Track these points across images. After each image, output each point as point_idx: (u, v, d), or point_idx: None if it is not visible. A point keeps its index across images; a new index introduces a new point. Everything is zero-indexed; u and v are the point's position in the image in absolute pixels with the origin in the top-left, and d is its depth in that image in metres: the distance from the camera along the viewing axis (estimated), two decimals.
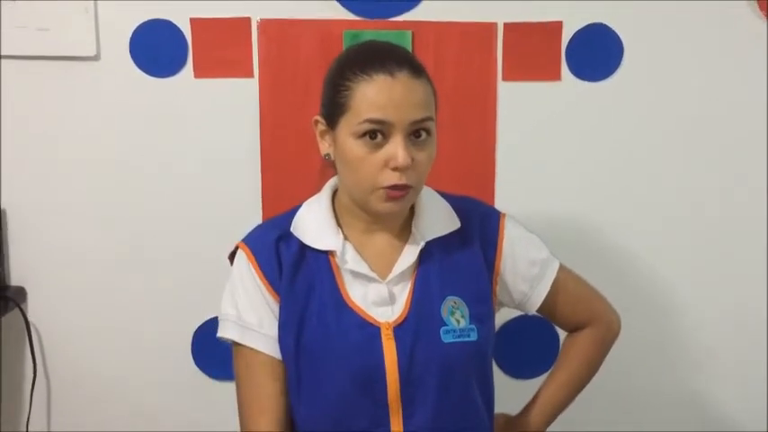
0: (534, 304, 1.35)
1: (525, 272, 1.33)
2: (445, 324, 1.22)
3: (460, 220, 1.30)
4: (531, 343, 1.81)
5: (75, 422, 1.91)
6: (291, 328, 1.22)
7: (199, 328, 1.88)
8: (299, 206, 1.32)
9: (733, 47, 1.81)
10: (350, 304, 1.22)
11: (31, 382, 1.85)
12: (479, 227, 1.30)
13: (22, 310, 1.82)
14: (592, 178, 1.85)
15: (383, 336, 1.20)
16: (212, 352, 1.87)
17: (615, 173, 1.85)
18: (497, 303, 1.34)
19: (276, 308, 1.24)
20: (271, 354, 1.24)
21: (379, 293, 1.23)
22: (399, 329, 1.21)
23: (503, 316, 1.76)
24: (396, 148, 1.14)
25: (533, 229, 1.39)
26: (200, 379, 1.90)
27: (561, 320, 1.41)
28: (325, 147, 1.24)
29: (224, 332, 1.27)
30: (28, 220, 1.84)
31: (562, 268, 1.37)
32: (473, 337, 1.23)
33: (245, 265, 1.27)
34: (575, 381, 1.40)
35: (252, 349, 1.25)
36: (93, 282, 1.86)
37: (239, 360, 1.27)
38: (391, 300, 1.23)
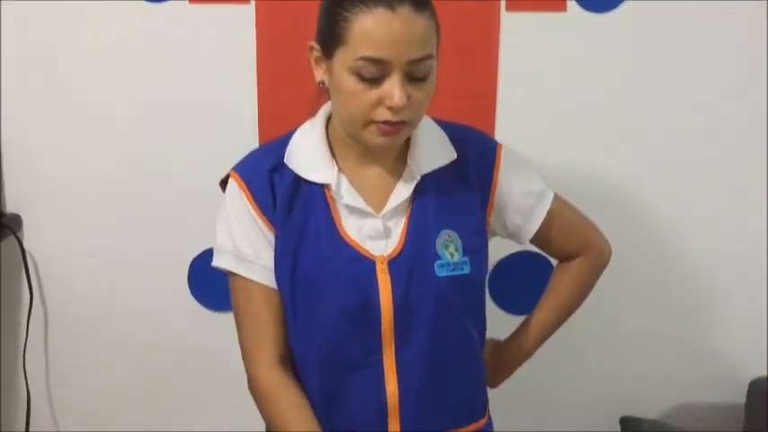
0: (527, 235, 1.35)
1: (520, 203, 1.32)
2: (439, 258, 1.21)
3: (457, 151, 1.27)
4: (526, 278, 1.81)
5: (72, 351, 1.93)
6: (286, 262, 1.22)
7: (195, 258, 1.88)
8: (293, 131, 1.30)
9: None
10: (345, 238, 1.21)
11: (27, 309, 1.86)
12: (476, 157, 1.29)
13: (17, 237, 1.82)
14: (594, 110, 1.81)
15: (378, 269, 1.19)
16: (209, 283, 1.88)
17: (619, 106, 1.81)
18: (490, 233, 1.33)
19: (272, 238, 1.23)
20: (268, 284, 1.24)
21: (374, 227, 1.22)
22: (394, 263, 1.20)
23: (498, 251, 1.76)
24: (392, 88, 1.11)
25: (530, 162, 1.37)
26: (197, 309, 1.91)
27: (554, 250, 1.41)
28: (320, 74, 1.21)
29: (220, 262, 1.27)
30: (24, 147, 1.82)
31: (556, 199, 1.36)
32: (466, 270, 1.23)
33: (237, 195, 1.25)
34: (564, 307, 1.41)
35: (249, 280, 1.24)
36: (89, 211, 1.85)
37: (237, 291, 1.26)
38: (386, 233, 1.22)
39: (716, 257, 1.89)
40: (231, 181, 1.26)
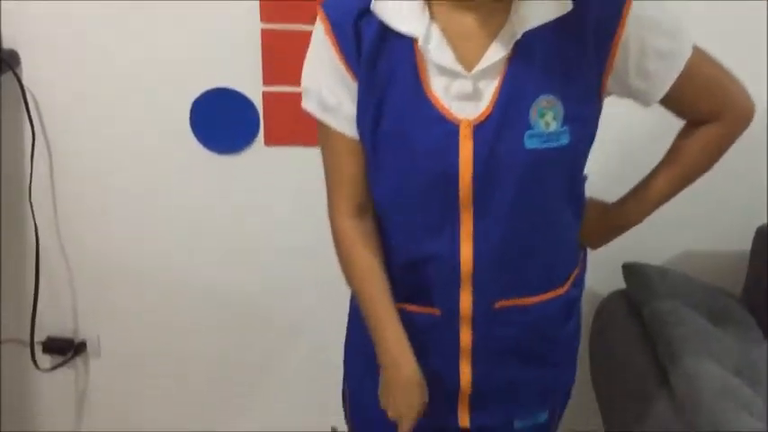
0: (651, 101, 1.18)
1: (646, 66, 1.13)
2: (531, 127, 1.09)
3: (573, 1, 1.08)
4: None
5: (77, 191, 1.94)
6: (368, 115, 1.14)
7: (197, 99, 1.85)
8: None
9: None
10: (430, 97, 1.11)
11: (30, 147, 1.86)
12: (596, 7, 1.09)
13: (16, 73, 1.79)
14: None
15: (461, 134, 1.10)
16: (211, 125, 1.86)
17: None
18: (605, 94, 1.16)
19: (354, 88, 1.15)
20: (350, 135, 1.18)
21: (462, 87, 1.10)
22: (479, 129, 1.09)
23: None
24: None
25: (670, 13, 1.15)
26: (200, 152, 1.89)
27: (683, 113, 1.23)
28: None
29: (306, 104, 1.20)
30: None
31: (694, 56, 1.16)
32: (563, 140, 1.10)
33: (322, 40, 1.15)
34: (687, 177, 1.27)
35: (332, 129, 1.18)
36: (89, 48, 1.81)
37: (321, 138, 1.22)
38: (476, 95, 1.10)
39: None
40: (318, 21, 1.15)
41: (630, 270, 1.81)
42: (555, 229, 1.21)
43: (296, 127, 1.85)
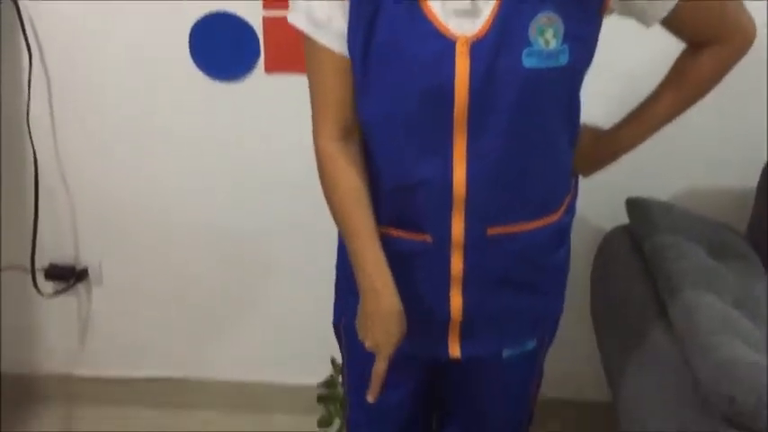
0: (652, 20, 1.15)
1: None
2: (530, 44, 1.06)
3: None
4: None
5: (76, 119, 1.92)
6: (361, 29, 1.10)
7: (196, 24, 1.81)
8: None
9: None
10: (426, 12, 1.07)
11: (27, 70, 1.83)
12: None
13: (14, 1, 1.76)
14: None
15: (457, 51, 1.06)
16: (211, 50, 1.83)
17: None
18: (607, 12, 1.13)
19: (347, 2, 1.11)
20: (340, 51, 1.13)
21: (460, 3, 1.07)
22: (476, 46, 1.06)
23: None
24: None
25: None
26: (199, 79, 1.87)
27: (685, 37, 1.21)
28: None
29: (294, 19, 1.16)
30: None
31: None
32: (562, 60, 1.07)
33: None
34: (685, 100, 1.25)
35: (320, 45, 1.14)
36: None
37: (308, 56, 1.17)
38: (474, 12, 1.07)
39: None
40: None
41: (634, 205, 1.79)
42: (549, 153, 1.18)
43: (297, 54, 1.79)
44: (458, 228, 1.17)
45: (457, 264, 1.20)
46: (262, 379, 2.19)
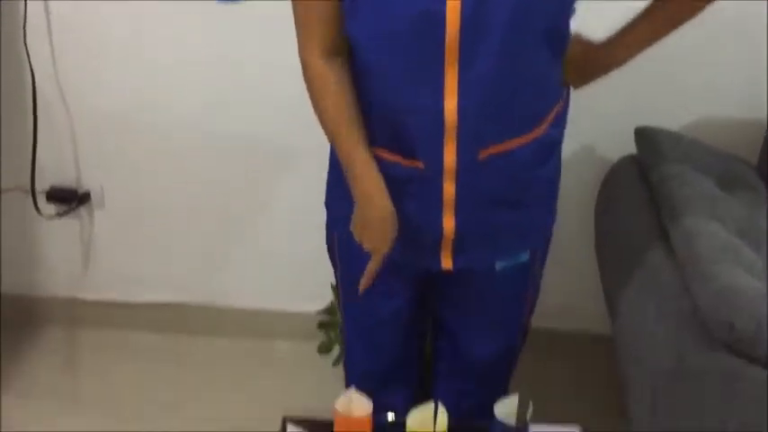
0: None
1: None
2: None
3: None
4: None
5: (73, 37, 1.89)
6: None
7: None
8: None
9: None
10: None
11: None
12: None
13: None
14: None
15: None
16: None
17: None
18: None
19: None
20: None
21: None
22: None
23: None
24: None
25: None
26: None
27: None
28: None
29: None
30: None
31: None
32: None
33: None
34: (676, 16, 1.22)
35: None
36: None
37: None
38: None
39: None
40: None
41: (642, 134, 1.75)
42: (539, 70, 1.17)
43: None
44: (450, 155, 1.16)
45: (449, 189, 1.20)
46: (263, 306, 2.19)
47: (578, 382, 2.08)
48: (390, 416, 1.32)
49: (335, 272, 1.46)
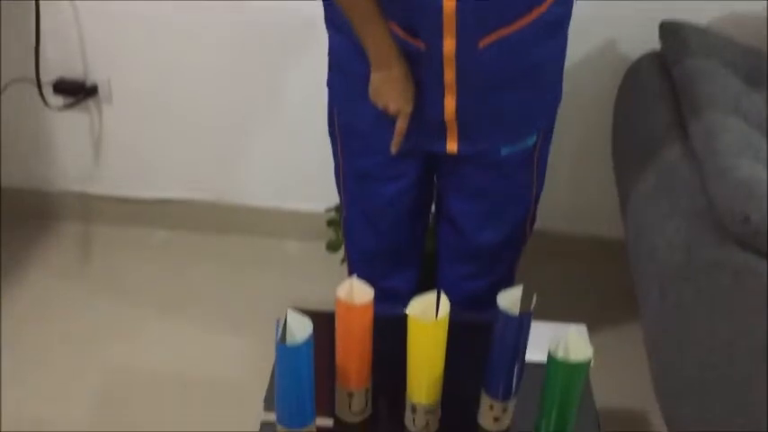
0: None
1: None
2: None
3: None
4: None
5: None
6: None
7: None
8: None
9: None
10: None
11: None
12: None
13: None
14: None
15: None
16: None
17: None
18: None
19: None
20: None
21: None
22: None
23: None
24: None
25: None
26: None
27: None
28: None
29: None
30: None
31: None
32: None
33: None
34: None
35: None
36: None
37: None
38: None
39: None
40: None
41: (667, 29, 1.67)
42: None
43: None
44: (449, 44, 1.15)
45: (449, 74, 1.19)
46: (274, 204, 2.18)
47: (589, 284, 2.06)
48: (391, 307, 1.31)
49: (335, 149, 1.44)
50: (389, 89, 1.21)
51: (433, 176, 1.41)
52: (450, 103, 1.22)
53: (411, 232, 1.47)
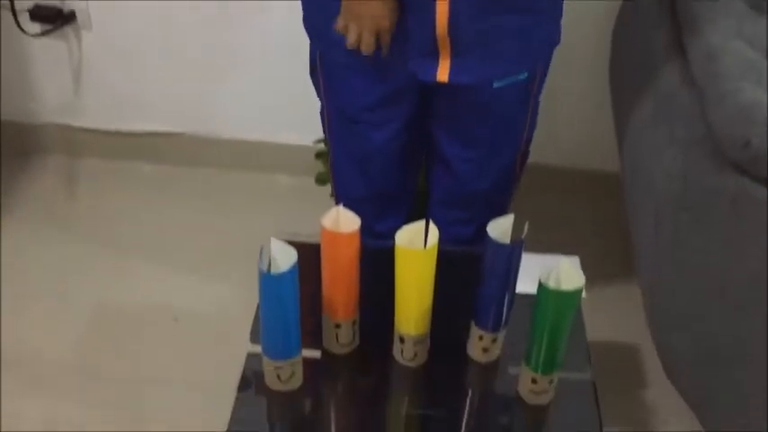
0: None
1: None
2: None
3: None
4: None
5: None
6: None
7: None
8: None
9: None
10: None
11: None
12: None
13: None
14: None
15: None
16: None
17: None
18: None
19: None
20: None
21: None
22: None
23: None
24: None
25: None
26: None
27: None
28: None
29: None
30: None
31: None
32: None
33: None
34: None
35: None
36: None
37: None
38: None
39: None
40: None
41: None
42: None
43: None
44: None
45: None
46: (263, 138, 2.13)
47: (583, 219, 2.04)
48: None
49: (319, 93, 1.38)
50: (353, 7, 1.12)
51: (424, 122, 1.34)
52: (442, 10, 1.12)
53: (402, 178, 1.42)
